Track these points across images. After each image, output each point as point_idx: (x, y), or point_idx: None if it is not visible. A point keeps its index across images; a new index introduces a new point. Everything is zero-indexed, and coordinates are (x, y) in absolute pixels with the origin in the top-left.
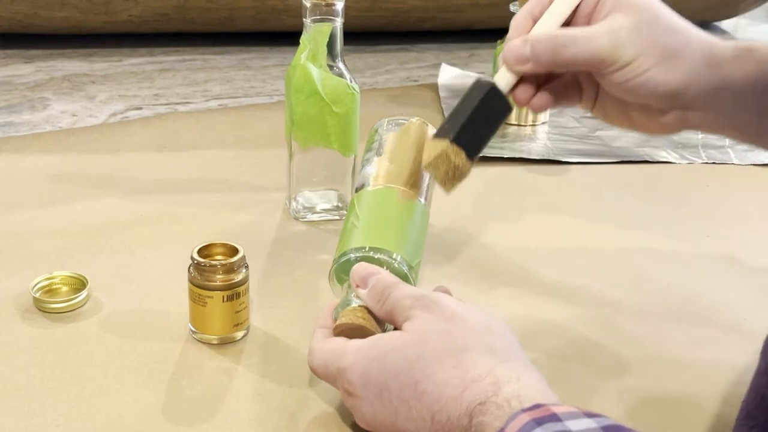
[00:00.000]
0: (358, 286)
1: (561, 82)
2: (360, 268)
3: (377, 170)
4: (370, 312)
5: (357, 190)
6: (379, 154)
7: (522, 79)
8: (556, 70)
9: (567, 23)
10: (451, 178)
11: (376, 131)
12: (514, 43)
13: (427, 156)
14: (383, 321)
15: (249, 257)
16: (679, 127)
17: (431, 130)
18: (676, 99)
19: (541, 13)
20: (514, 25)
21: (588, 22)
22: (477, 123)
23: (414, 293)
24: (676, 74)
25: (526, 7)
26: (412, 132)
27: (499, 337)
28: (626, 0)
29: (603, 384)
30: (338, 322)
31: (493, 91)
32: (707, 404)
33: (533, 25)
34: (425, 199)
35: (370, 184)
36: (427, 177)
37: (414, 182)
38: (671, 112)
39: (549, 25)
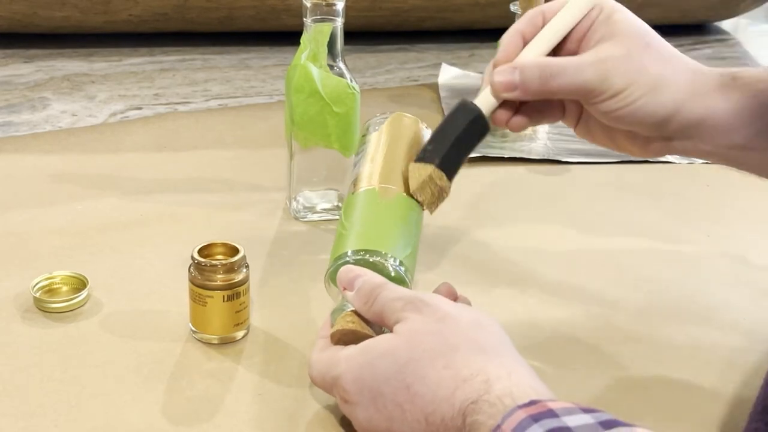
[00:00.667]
0: (345, 289)
1: (544, 102)
2: (346, 271)
3: (362, 172)
4: (360, 315)
5: (348, 194)
6: (364, 155)
7: (503, 101)
8: (544, 98)
9: (557, 48)
10: (436, 200)
11: (367, 129)
12: (502, 68)
13: (414, 181)
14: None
15: (249, 257)
16: (664, 152)
17: (407, 121)
18: (661, 128)
19: (532, 34)
20: (504, 44)
21: (578, 48)
22: (459, 147)
23: (405, 295)
24: (663, 105)
25: (517, 25)
26: (389, 129)
27: (489, 334)
28: (617, 28)
29: (603, 384)
30: (332, 331)
31: (479, 117)
32: (707, 404)
33: (523, 45)
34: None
35: (357, 187)
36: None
37: (396, 178)
38: (657, 140)
39: (538, 50)
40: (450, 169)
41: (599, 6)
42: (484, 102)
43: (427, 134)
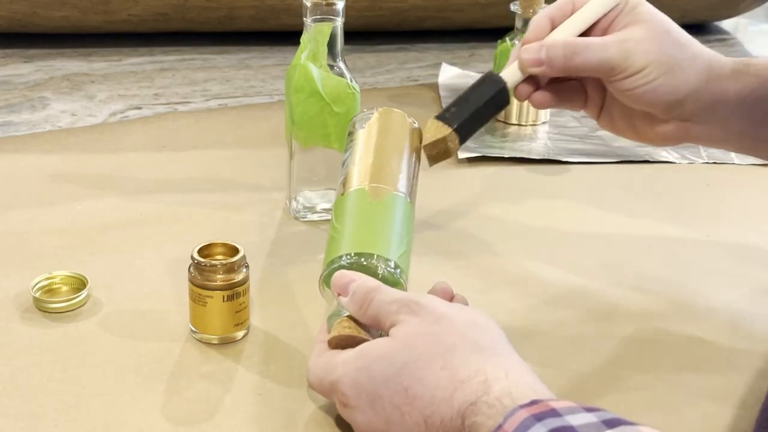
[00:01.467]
0: (339, 295)
1: (567, 85)
2: (339, 276)
3: (351, 171)
4: (356, 320)
5: (337, 195)
6: (352, 154)
7: (528, 78)
8: (569, 75)
9: (583, 36)
10: (440, 156)
11: (354, 125)
12: (530, 46)
13: (429, 136)
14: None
15: (249, 257)
16: (680, 137)
17: (395, 116)
18: (678, 109)
19: (560, 20)
20: (533, 25)
21: (603, 35)
22: (479, 115)
23: (399, 297)
24: (680, 85)
25: (546, 11)
26: (376, 125)
27: (486, 334)
28: (640, 15)
29: (603, 384)
30: (329, 337)
31: (504, 89)
32: (708, 405)
33: (551, 28)
34: (405, 188)
35: (346, 187)
36: (404, 166)
37: (386, 176)
38: (672, 122)
39: (566, 33)
40: (464, 133)
41: (624, 0)
42: (510, 75)
43: (415, 129)
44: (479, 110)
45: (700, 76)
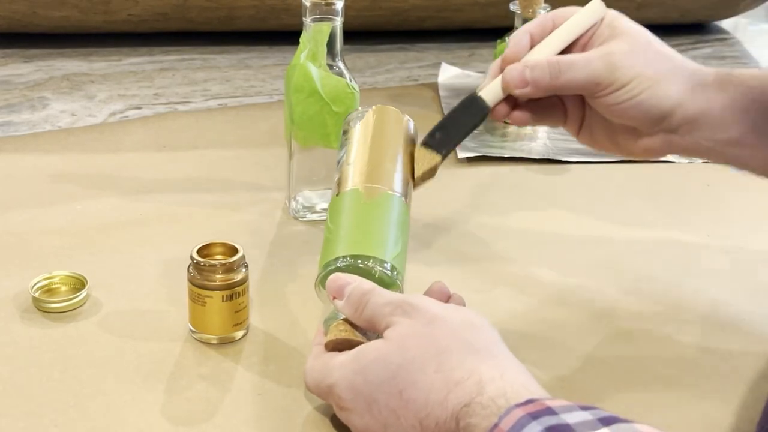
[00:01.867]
0: (335, 298)
1: (546, 102)
2: (334, 279)
3: (345, 171)
4: (352, 323)
5: (332, 196)
6: (347, 153)
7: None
8: (554, 93)
9: (563, 53)
10: (427, 179)
11: (348, 124)
12: (514, 67)
13: (420, 167)
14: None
15: (249, 257)
16: (665, 150)
17: (390, 114)
18: (664, 122)
19: (541, 36)
20: (513, 42)
21: (583, 51)
22: (463, 137)
23: (393, 299)
24: (666, 98)
25: (527, 26)
26: (372, 123)
27: (481, 335)
28: (619, 29)
29: (602, 384)
30: (326, 340)
31: (487, 113)
32: (706, 404)
33: (531, 46)
34: (400, 188)
35: (341, 188)
36: (399, 165)
37: (381, 175)
38: (658, 135)
39: (546, 51)
40: (447, 154)
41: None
42: (491, 94)
43: (411, 127)
44: (464, 135)
45: (685, 87)
